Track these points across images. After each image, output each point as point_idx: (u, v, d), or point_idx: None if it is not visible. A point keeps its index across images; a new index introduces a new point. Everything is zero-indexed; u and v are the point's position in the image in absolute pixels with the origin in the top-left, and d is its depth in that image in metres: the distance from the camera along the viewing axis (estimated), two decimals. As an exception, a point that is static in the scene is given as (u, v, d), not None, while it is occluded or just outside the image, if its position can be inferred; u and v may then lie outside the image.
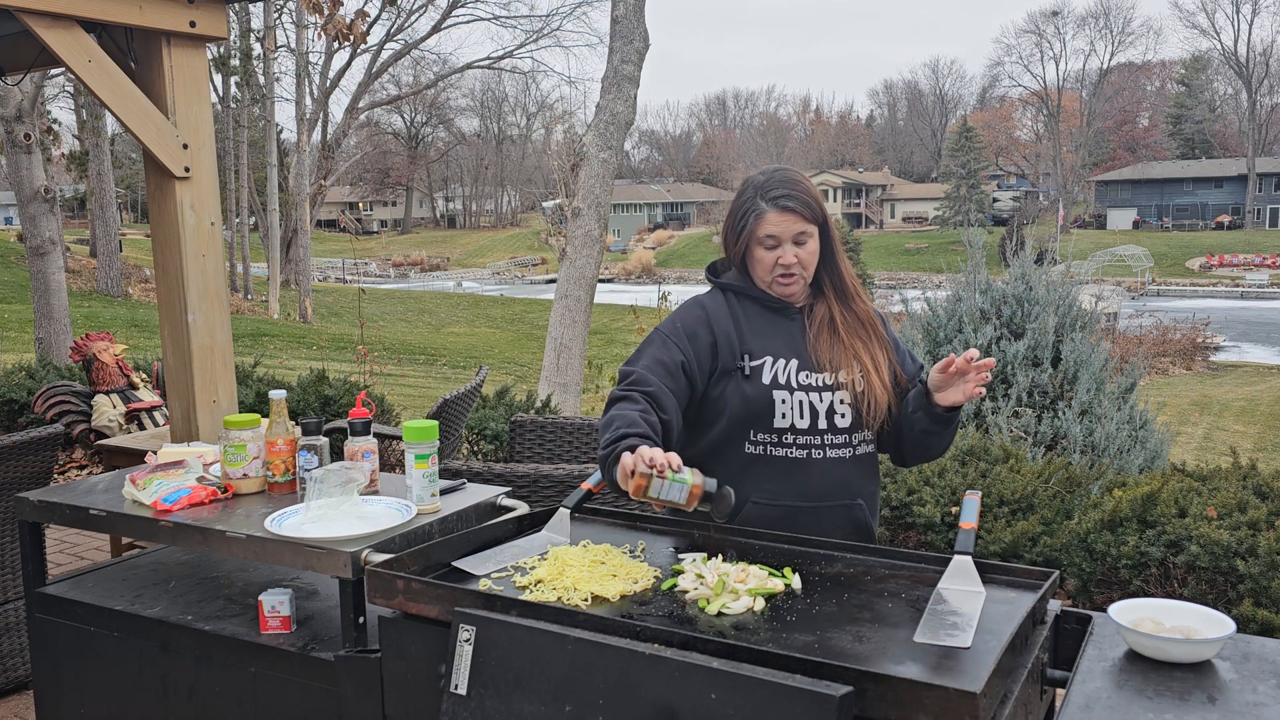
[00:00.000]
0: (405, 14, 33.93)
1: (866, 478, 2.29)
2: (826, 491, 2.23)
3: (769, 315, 2.29)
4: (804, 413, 2.21)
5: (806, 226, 2.22)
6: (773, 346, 2.25)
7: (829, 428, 2.22)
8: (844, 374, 2.23)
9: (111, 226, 24.73)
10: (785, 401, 2.21)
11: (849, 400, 2.23)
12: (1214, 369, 21.22)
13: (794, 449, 2.21)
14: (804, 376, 2.23)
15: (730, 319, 2.28)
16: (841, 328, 2.26)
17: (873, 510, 2.32)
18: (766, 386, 2.21)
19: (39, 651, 2.68)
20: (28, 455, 3.29)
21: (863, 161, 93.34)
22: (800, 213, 2.21)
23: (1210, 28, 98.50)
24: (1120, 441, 5.85)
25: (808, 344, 2.25)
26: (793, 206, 2.21)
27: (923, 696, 1.45)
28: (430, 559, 2.10)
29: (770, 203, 2.21)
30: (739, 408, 2.22)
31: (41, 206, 9.84)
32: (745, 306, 2.30)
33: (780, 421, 2.21)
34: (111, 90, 3.58)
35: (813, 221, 2.23)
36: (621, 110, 8.26)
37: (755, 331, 2.26)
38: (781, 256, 2.22)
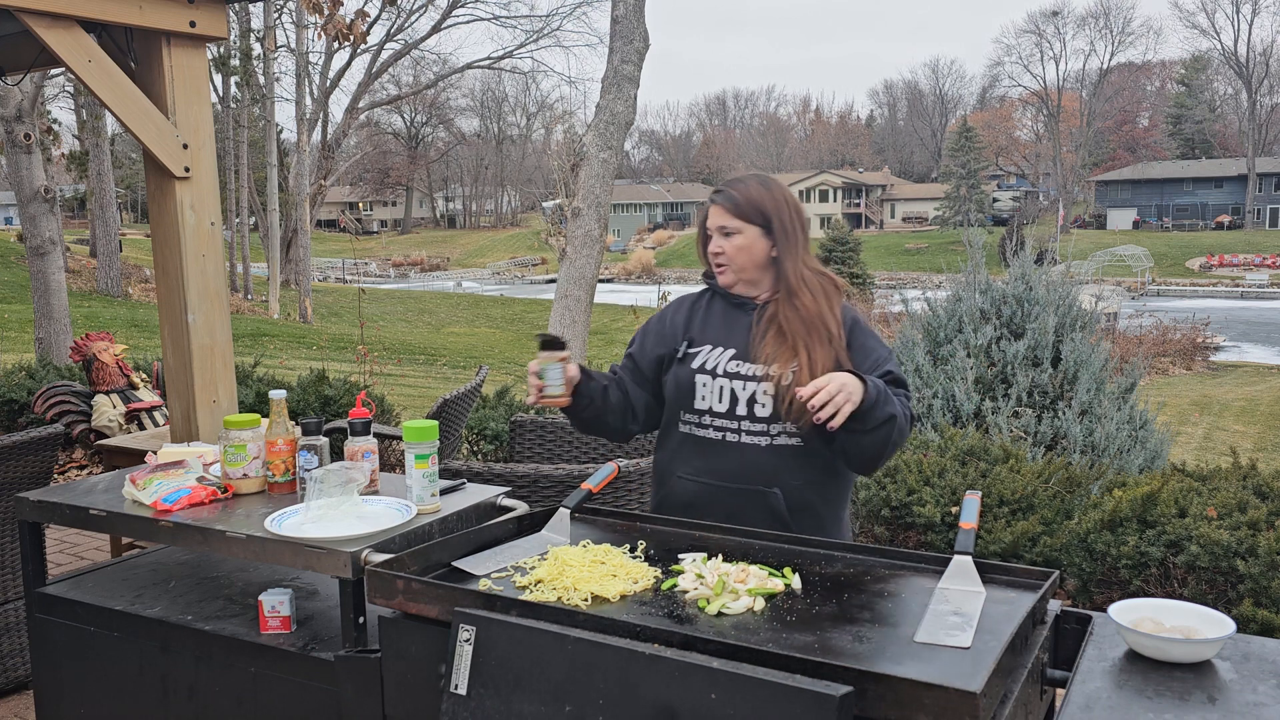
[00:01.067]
0: (405, 14, 33.95)
1: (787, 469, 2.35)
2: (739, 475, 2.36)
3: (729, 310, 2.48)
4: (723, 397, 2.38)
5: (731, 221, 2.41)
6: (718, 337, 2.45)
7: (747, 415, 2.36)
8: (776, 368, 2.33)
9: (111, 226, 24.73)
10: (706, 385, 2.40)
11: (773, 393, 2.33)
12: (1214, 369, 21.21)
13: (711, 430, 2.39)
14: (734, 365, 2.39)
15: (689, 312, 2.53)
16: (784, 325, 2.37)
17: (799, 504, 2.36)
18: (693, 370, 2.42)
19: (39, 651, 2.68)
20: (28, 455, 3.29)
21: (863, 161, 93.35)
22: (727, 208, 2.41)
23: (1210, 28, 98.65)
24: (1120, 441, 5.84)
25: (752, 337, 2.40)
26: (720, 201, 2.43)
27: (923, 696, 1.45)
28: (430, 559, 2.10)
29: (710, 199, 2.47)
30: (671, 390, 2.46)
31: (41, 206, 9.84)
32: (713, 303, 2.52)
33: (700, 403, 2.40)
34: (111, 90, 3.58)
35: (741, 218, 2.40)
36: (621, 110, 8.26)
37: (709, 324, 2.48)
38: (712, 246, 2.44)
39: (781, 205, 2.42)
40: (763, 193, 2.42)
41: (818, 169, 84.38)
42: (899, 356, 6.55)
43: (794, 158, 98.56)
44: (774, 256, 2.41)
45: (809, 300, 2.37)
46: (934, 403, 6.10)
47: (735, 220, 2.40)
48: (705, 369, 2.40)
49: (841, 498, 2.47)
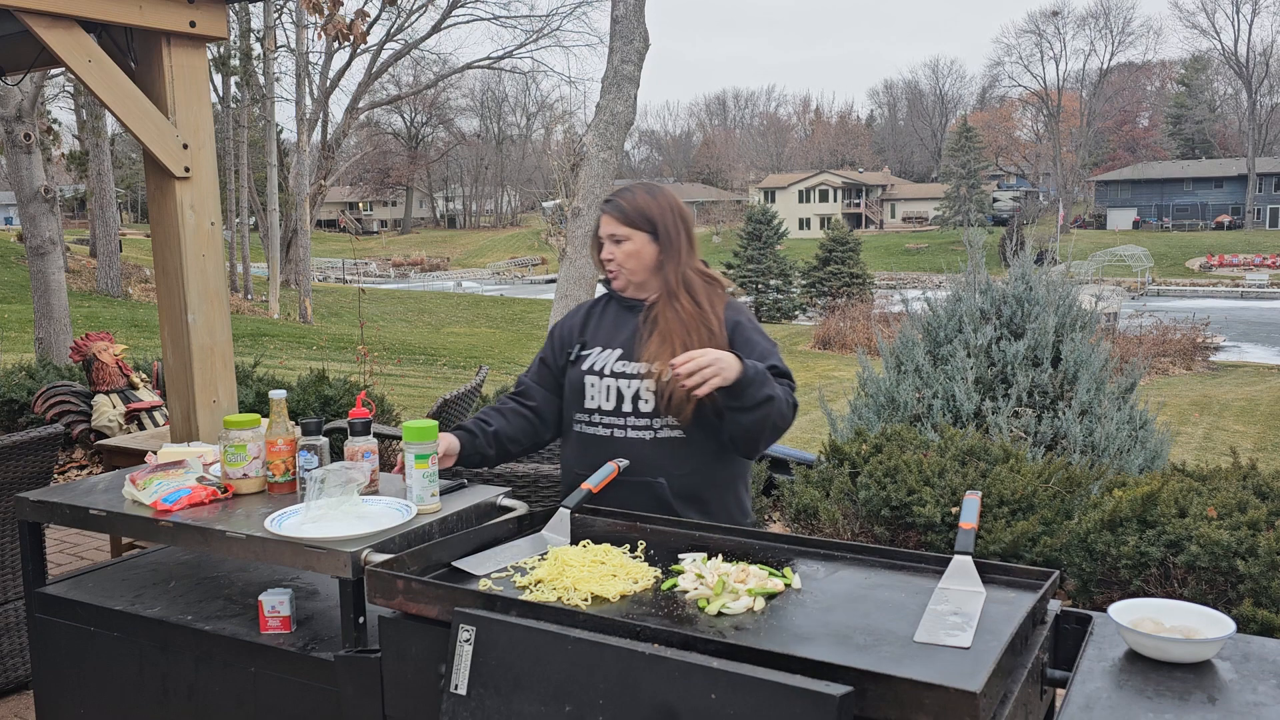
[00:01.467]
0: (405, 14, 33.94)
1: (670, 460, 2.50)
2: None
3: (620, 312, 2.64)
4: (610, 396, 2.54)
5: (620, 229, 2.56)
6: (607, 339, 2.61)
7: (632, 411, 2.51)
8: (657, 365, 2.47)
9: (111, 226, 24.73)
10: (594, 385, 2.56)
11: (654, 389, 2.49)
12: (1214, 369, 21.21)
13: (600, 428, 2.55)
14: (620, 365, 2.55)
15: (585, 316, 2.70)
16: (663, 325, 2.51)
17: (683, 492, 2.50)
18: (583, 372, 2.59)
19: (39, 651, 2.68)
20: (28, 455, 3.29)
21: (863, 161, 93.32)
22: (615, 215, 2.57)
23: (1210, 28, 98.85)
24: (1120, 441, 5.84)
25: (637, 338, 2.55)
26: (610, 210, 2.58)
27: (923, 696, 1.45)
28: (430, 559, 2.10)
29: (601, 208, 2.62)
30: (567, 391, 2.64)
31: (41, 206, 9.84)
32: (608, 307, 2.68)
33: (589, 403, 2.56)
34: (111, 90, 3.58)
35: (629, 225, 2.55)
36: (621, 110, 8.25)
37: (601, 327, 2.64)
38: (604, 252, 2.59)
39: (666, 212, 2.58)
40: (649, 201, 2.58)
41: (818, 169, 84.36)
42: (899, 356, 6.55)
43: (794, 158, 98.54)
44: (660, 261, 2.57)
45: (687, 302, 2.53)
46: (934, 403, 6.10)
47: (624, 228, 2.55)
48: (594, 370, 2.57)
49: (730, 483, 2.60)
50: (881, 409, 6.35)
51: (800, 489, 4.98)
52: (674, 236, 2.57)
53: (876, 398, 6.43)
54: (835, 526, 4.76)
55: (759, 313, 36.96)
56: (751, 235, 39.36)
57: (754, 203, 62.93)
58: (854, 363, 17.52)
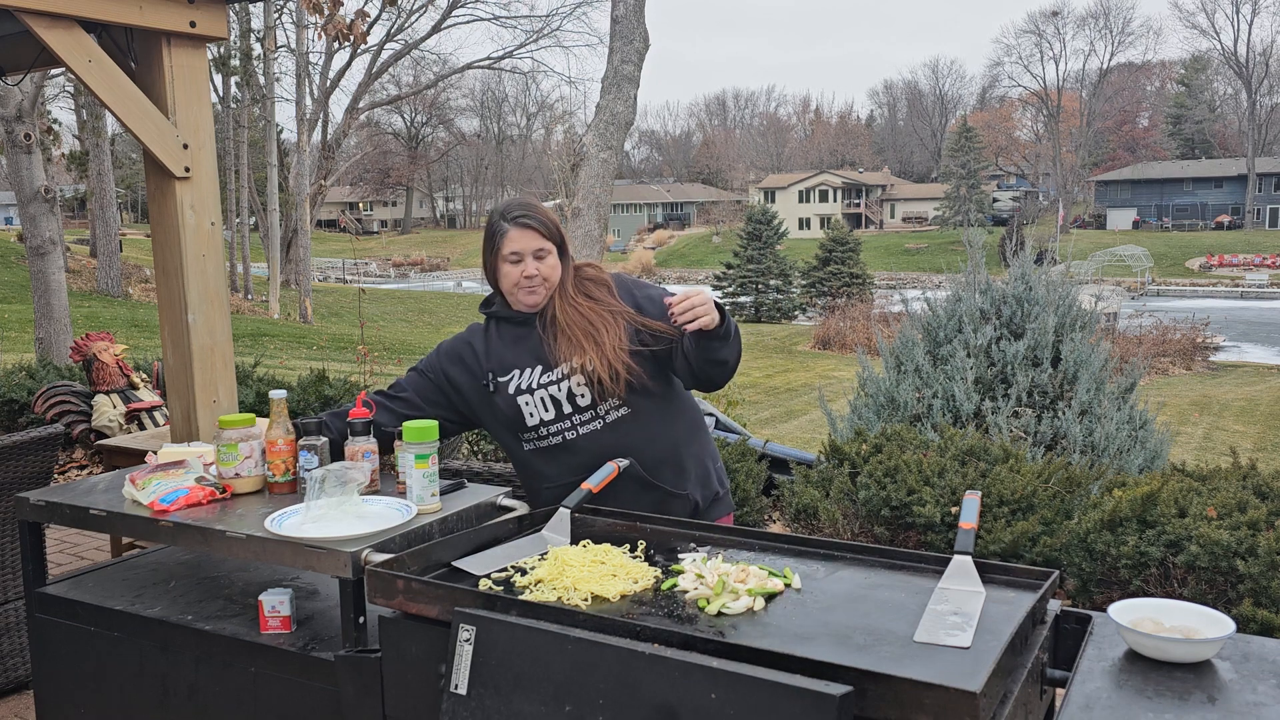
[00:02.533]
0: (405, 14, 33.95)
1: (629, 437, 2.54)
2: (594, 462, 2.48)
3: (515, 330, 2.63)
4: (547, 406, 2.55)
5: (545, 243, 2.56)
6: (519, 358, 2.60)
7: (573, 409, 2.54)
8: (576, 359, 2.51)
9: (111, 226, 24.74)
10: (528, 403, 2.57)
11: (583, 381, 2.51)
12: (1214, 369, 21.21)
13: (552, 437, 2.56)
14: (543, 376, 2.56)
15: (484, 344, 2.67)
16: (565, 323, 2.55)
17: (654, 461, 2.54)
18: (511, 395, 2.58)
19: (39, 651, 2.69)
20: (28, 455, 3.29)
21: (863, 161, 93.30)
22: (541, 231, 2.56)
23: (1210, 28, 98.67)
24: (1120, 441, 5.84)
25: (545, 347, 2.57)
26: (532, 224, 2.56)
27: (923, 696, 1.45)
28: (430, 559, 2.10)
29: (511, 222, 2.56)
30: (500, 418, 2.61)
31: (41, 206, 9.84)
32: (500, 329, 2.66)
33: (530, 420, 2.57)
34: (111, 90, 3.58)
35: (550, 239, 2.57)
36: (621, 110, 8.25)
37: (504, 349, 2.63)
38: (525, 269, 2.55)
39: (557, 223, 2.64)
40: (552, 215, 2.63)
41: (818, 169, 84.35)
42: (899, 356, 6.55)
43: (794, 158, 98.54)
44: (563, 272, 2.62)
45: (582, 300, 2.58)
46: (934, 403, 6.10)
47: (547, 242, 2.57)
48: (522, 389, 2.57)
49: (691, 433, 2.65)
50: (881, 409, 6.35)
51: (800, 489, 4.98)
52: (566, 245, 2.65)
53: (876, 398, 6.43)
54: (835, 526, 4.76)
55: (759, 313, 36.98)
56: (751, 235, 39.36)
57: (754, 203, 62.93)
58: (854, 363, 17.52)
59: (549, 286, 2.58)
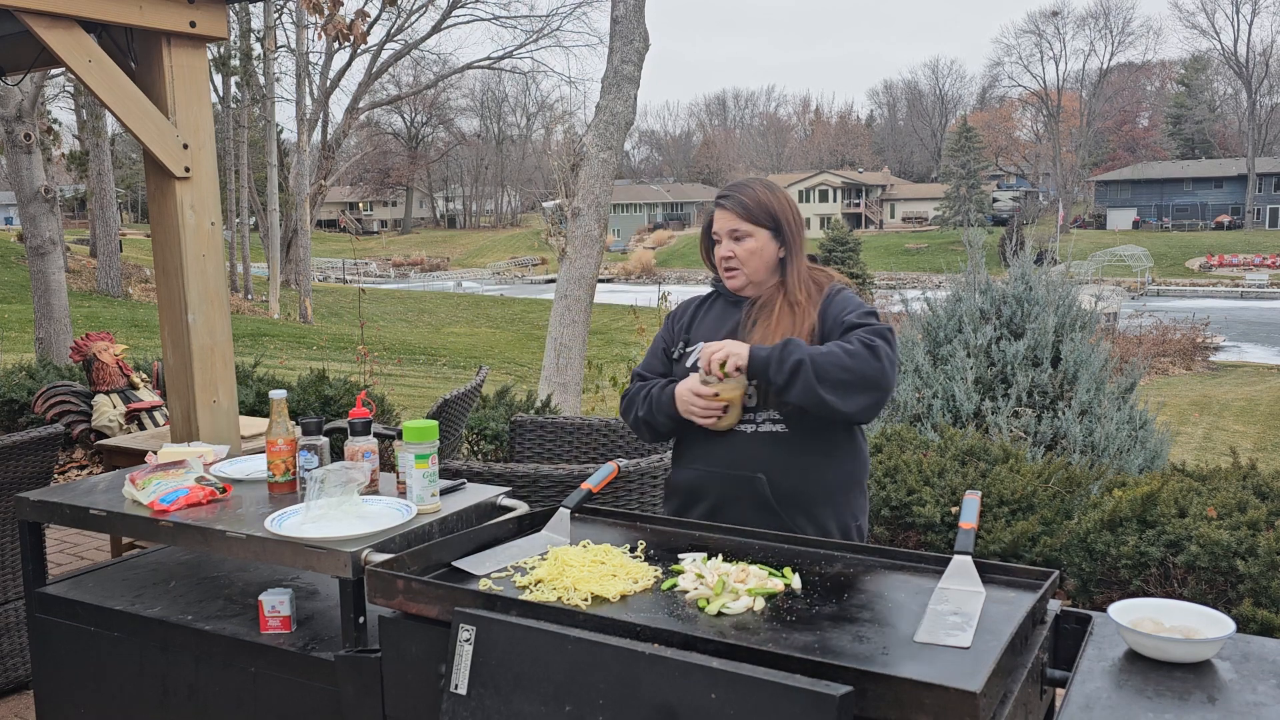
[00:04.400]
0: (405, 14, 33.94)
1: (771, 456, 2.42)
2: (728, 462, 2.44)
3: (725, 309, 2.57)
4: None
5: (741, 225, 2.48)
6: (710, 334, 2.54)
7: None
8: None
9: (111, 226, 24.73)
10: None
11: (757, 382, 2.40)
12: (1214, 369, 21.21)
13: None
14: None
15: (693, 313, 2.63)
16: (774, 320, 2.45)
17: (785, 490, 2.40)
18: (686, 369, 2.53)
19: (39, 651, 2.68)
20: (28, 455, 3.29)
21: (863, 161, 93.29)
22: (736, 211, 2.48)
23: (1210, 28, 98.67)
24: (1120, 441, 5.84)
25: (742, 331, 2.48)
26: (728, 205, 2.49)
27: (923, 696, 1.45)
28: (430, 559, 2.10)
29: (716, 204, 2.54)
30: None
31: (41, 206, 9.84)
32: (715, 303, 2.62)
33: None
34: (111, 90, 3.58)
35: (751, 221, 2.47)
36: (621, 110, 8.25)
37: (707, 324, 2.58)
38: (720, 250, 2.51)
39: (786, 208, 2.51)
40: (770, 196, 2.50)
41: (818, 169, 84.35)
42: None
43: (794, 158, 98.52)
44: (781, 258, 2.50)
45: (804, 300, 2.47)
46: (934, 403, 6.10)
47: (746, 224, 2.47)
48: (695, 367, 2.48)
49: (840, 486, 2.47)
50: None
51: (800, 489, 4.98)
52: (795, 233, 2.51)
53: (876, 398, 6.42)
54: (835, 526, 4.76)
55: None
56: (751, 235, 39.29)
57: (754, 203, 62.69)
58: (854, 363, 17.45)
59: (750, 271, 2.48)
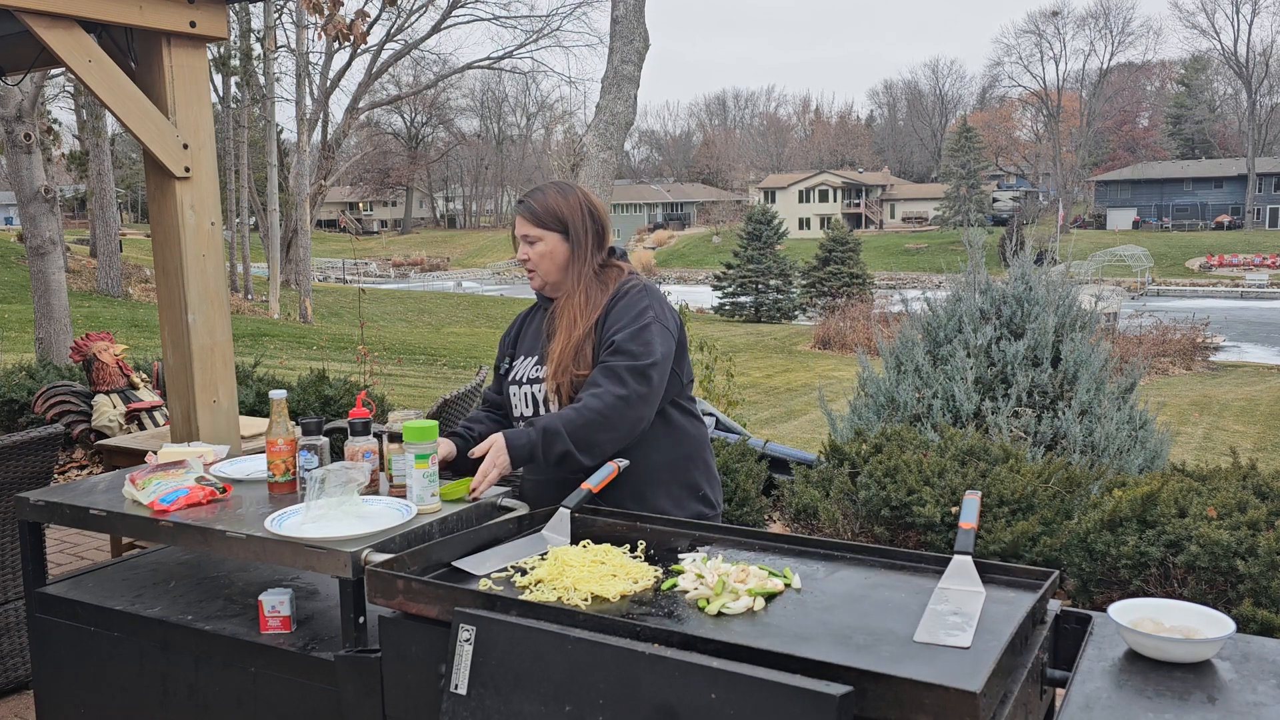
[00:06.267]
0: (405, 14, 33.94)
1: None
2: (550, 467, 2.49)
3: (542, 317, 2.65)
4: (528, 403, 2.60)
5: (531, 229, 2.56)
6: (530, 347, 2.65)
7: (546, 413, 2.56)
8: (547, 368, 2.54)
9: (111, 226, 24.74)
10: (515, 394, 2.63)
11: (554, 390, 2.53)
12: (1214, 369, 21.21)
13: None
14: (535, 370, 2.60)
15: (519, 327, 2.72)
16: (558, 326, 2.54)
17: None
18: (508, 384, 2.66)
19: (39, 651, 2.69)
20: (28, 455, 3.29)
21: (863, 161, 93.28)
22: (525, 216, 2.57)
23: (1210, 28, 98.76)
24: (1120, 441, 5.84)
25: (543, 341, 2.59)
26: (521, 211, 2.59)
27: (923, 696, 1.45)
28: (430, 559, 2.10)
29: (514, 209, 2.63)
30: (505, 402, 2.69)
31: (41, 206, 9.84)
32: (538, 313, 2.69)
33: (515, 412, 2.64)
34: (111, 90, 3.58)
35: (540, 226, 2.55)
36: (621, 110, 8.25)
37: (527, 336, 2.67)
38: (520, 253, 2.61)
39: (577, 210, 2.57)
40: (560, 200, 2.57)
41: (818, 169, 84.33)
42: (899, 356, 6.55)
43: (794, 158, 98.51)
44: (569, 260, 2.57)
45: (584, 302, 2.54)
46: (934, 403, 6.10)
47: (536, 229, 2.56)
48: (515, 380, 2.62)
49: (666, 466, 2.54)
50: (881, 409, 6.35)
51: (800, 489, 4.98)
52: (581, 235, 2.57)
53: (876, 398, 6.43)
54: (835, 526, 4.76)
55: (759, 313, 36.96)
56: (751, 235, 39.35)
57: (754, 203, 62.94)
58: (854, 363, 17.52)
59: (544, 273, 2.58)
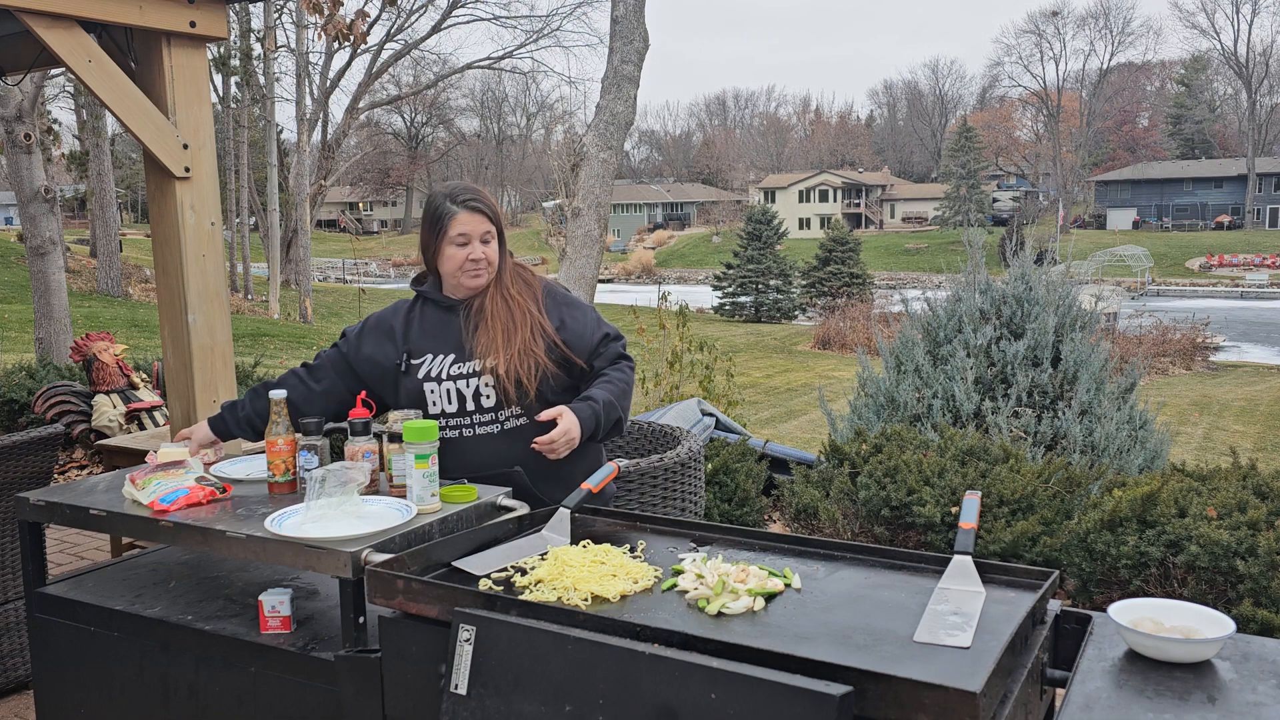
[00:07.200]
0: (405, 14, 33.93)
1: (523, 447, 2.55)
2: (482, 464, 2.58)
3: (439, 315, 2.65)
4: (452, 399, 2.59)
5: (491, 227, 2.60)
6: (436, 344, 2.63)
7: (475, 409, 2.58)
8: (490, 359, 2.55)
9: (111, 226, 24.73)
10: (434, 391, 2.60)
11: (492, 383, 2.56)
12: (1214, 369, 21.21)
13: (448, 430, 2.59)
14: (455, 367, 2.59)
15: (404, 322, 2.69)
16: (489, 316, 2.58)
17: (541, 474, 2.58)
18: (419, 380, 2.61)
19: (39, 651, 2.68)
20: (28, 455, 3.29)
21: (863, 161, 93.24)
22: (487, 214, 2.60)
23: (1210, 28, 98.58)
24: (1120, 441, 5.84)
25: (465, 337, 2.60)
26: (481, 208, 2.59)
27: (923, 696, 1.45)
28: (430, 559, 2.10)
29: (460, 205, 2.58)
30: (404, 400, 2.65)
31: (41, 206, 9.83)
32: (424, 310, 2.68)
33: (432, 409, 2.61)
34: (111, 90, 3.58)
35: (495, 224, 2.61)
36: (621, 110, 8.25)
37: (425, 333, 2.65)
38: (471, 252, 2.58)
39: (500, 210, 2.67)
40: (495, 200, 2.66)
41: (818, 169, 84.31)
42: (899, 356, 6.55)
43: (794, 158, 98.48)
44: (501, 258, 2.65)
45: (517, 293, 2.61)
46: (934, 403, 6.10)
47: (493, 225, 2.61)
48: (431, 377, 2.60)
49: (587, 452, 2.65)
50: (881, 409, 6.35)
51: (800, 489, 4.98)
52: (505, 235, 2.68)
53: (876, 398, 6.43)
54: (835, 526, 4.76)
55: (759, 313, 36.99)
56: (751, 235, 39.35)
57: (754, 203, 62.91)
58: (854, 363, 17.52)
59: (492, 272, 2.61)
